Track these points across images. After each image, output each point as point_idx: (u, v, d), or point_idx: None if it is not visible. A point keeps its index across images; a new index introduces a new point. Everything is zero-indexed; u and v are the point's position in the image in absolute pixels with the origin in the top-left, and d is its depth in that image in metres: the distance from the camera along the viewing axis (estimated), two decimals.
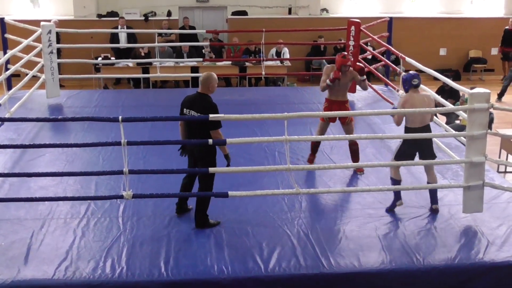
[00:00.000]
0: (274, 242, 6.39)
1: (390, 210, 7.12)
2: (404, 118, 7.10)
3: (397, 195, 7.14)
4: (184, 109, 6.57)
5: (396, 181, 7.18)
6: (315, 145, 8.40)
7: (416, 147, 7.01)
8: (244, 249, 6.27)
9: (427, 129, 7.02)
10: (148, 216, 6.90)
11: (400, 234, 6.60)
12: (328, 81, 8.04)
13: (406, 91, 7.13)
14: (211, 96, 6.58)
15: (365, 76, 8.25)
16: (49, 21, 11.80)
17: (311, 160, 8.41)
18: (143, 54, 15.42)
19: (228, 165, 6.58)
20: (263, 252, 6.21)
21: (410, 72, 7.27)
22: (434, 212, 7.07)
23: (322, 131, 8.24)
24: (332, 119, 8.21)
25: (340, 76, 7.97)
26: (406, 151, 7.03)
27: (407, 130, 7.02)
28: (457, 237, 6.59)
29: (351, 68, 8.16)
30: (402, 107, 7.00)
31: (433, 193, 7.17)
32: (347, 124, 8.16)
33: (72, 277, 5.78)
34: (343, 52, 8.37)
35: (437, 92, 11.88)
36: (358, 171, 8.13)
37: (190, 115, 6.48)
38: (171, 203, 7.03)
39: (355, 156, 8.23)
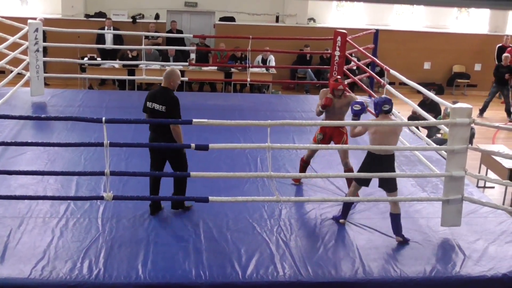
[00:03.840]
0: (253, 249, 6.40)
1: (335, 219, 7.10)
2: (367, 137, 6.87)
3: (346, 212, 7.08)
4: (148, 102, 6.82)
5: (348, 204, 7.06)
6: (304, 167, 8.07)
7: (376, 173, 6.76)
8: (223, 255, 6.28)
9: (391, 157, 6.80)
10: (127, 218, 6.89)
11: (378, 245, 6.64)
12: (320, 107, 7.71)
13: (376, 115, 6.88)
14: (173, 90, 6.86)
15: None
16: (36, 19, 11.76)
17: (297, 180, 8.08)
18: (130, 56, 15.38)
19: None
20: (241, 258, 6.22)
21: (383, 96, 7.07)
22: (399, 243, 6.76)
23: (313, 152, 7.96)
24: (324, 140, 7.78)
25: (330, 103, 7.61)
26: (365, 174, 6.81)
27: (370, 155, 6.78)
28: (435, 250, 6.64)
29: (347, 93, 7.81)
30: (365, 128, 6.80)
31: (395, 224, 6.82)
32: (341, 143, 7.74)
33: (49, 277, 5.76)
34: (336, 76, 8.24)
35: (418, 106, 11.97)
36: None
37: (160, 110, 6.71)
38: None
39: (349, 180, 7.65)
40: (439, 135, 11.96)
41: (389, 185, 6.84)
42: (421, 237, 6.87)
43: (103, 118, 6.12)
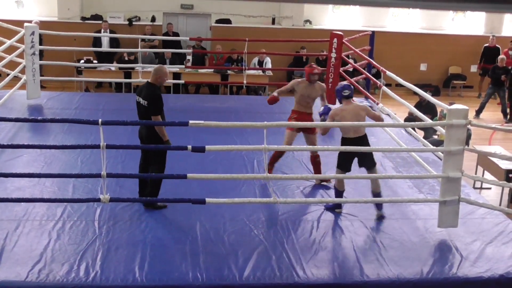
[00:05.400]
0: (250, 251, 6.40)
1: (329, 209, 7.38)
2: (335, 129, 7.40)
3: (339, 204, 7.42)
4: (136, 96, 7.10)
5: (339, 191, 7.36)
6: (277, 156, 8.28)
7: (354, 154, 7.19)
8: (220, 257, 6.27)
9: (363, 138, 7.21)
10: (124, 220, 6.88)
11: (375, 247, 6.64)
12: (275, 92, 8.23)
13: (340, 101, 7.39)
14: (159, 87, 7.13)
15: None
16: (31, 22, 11.75)
17: (270, 170, 8.16)
18: (127, 59, 15.38)
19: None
20: (238, 260, 6.22)
21: (342, 83, 7.53)
22: (379, 219, 7.23)
23: (290, 141, 8.06)
24: (300, 129, 8.05)
25: (277, 99, 8.13)
26: (345, 159, 7.22)
27: (343, 140, 7.22)
28: (432, 251, 6.64)
29: (319, 83, 8.24)
30: (332, 118, 7.22)
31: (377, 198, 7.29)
32: (313, 134, 8.10)
33: (46, 279, 5.75)
34: (311, 63, 8.47)
35: (415, 107, 11.98)
36: (327, 182, 8.16)
37: (143, 104, 6.88)
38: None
39: (317, 168, 8.16)
40: (435, 137, 11.98)
41: (368, 162, 7.25)
42: (418, 238, 6.88)
43: (100, 120, 6.13)
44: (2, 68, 10.84)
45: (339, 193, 7.36)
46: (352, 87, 7.52)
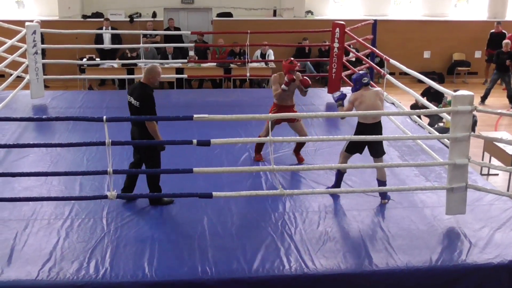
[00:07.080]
0: (258, 243, 6.40)
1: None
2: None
3: (338, 183, 7.56)
4: (128, 95, 7.01)
5: (341, 173, 7.52)
6: (260, 146, 8.60)
7: (366, 141, 7.26)
8: (228, 250, 6.27)
9: (379, 124, 7.34)
10: (132, 217, 6.89)
11: (384, 236, 6.63)
12: (284, 85, 8.19)
13: (358, 89, 7.38)
14: (152, 86, 6.99)
15: (308, 89, 8.51)
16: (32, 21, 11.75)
17: (259, 158, 8.55)
18: (129, 55, 15.36)
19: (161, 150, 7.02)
20: (246, 253, 6.22)
21: (359, 72, 7.68)
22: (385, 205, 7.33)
23: (268, 132, 8.12)
24: (278, 121, 8.21)
25: (294, 78, 8.17)
26: (356, 144, 7.31)
27: (360, 125, 7.29)
28: (440, 239, 6.63)
29: (297, 73, 8.41)
30: (352, 103, 7.30)
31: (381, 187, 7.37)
32: (296, 122, 8.39)
33: (56, 278, 5.76)
34: (289, 58, 8.50)
35: (422, 94, 11.94)
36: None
37: (135, 105, 6.84)
38: None
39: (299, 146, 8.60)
40: (441, 124, 11.94)
41: (378, 151, 7.35)
42: (426, 226, 6.87)
43: (104, 117, 6.13)
44: (5, 68, 10.85)
45: (340, 174, 7.52)
46: (369, 74, 7.69)
